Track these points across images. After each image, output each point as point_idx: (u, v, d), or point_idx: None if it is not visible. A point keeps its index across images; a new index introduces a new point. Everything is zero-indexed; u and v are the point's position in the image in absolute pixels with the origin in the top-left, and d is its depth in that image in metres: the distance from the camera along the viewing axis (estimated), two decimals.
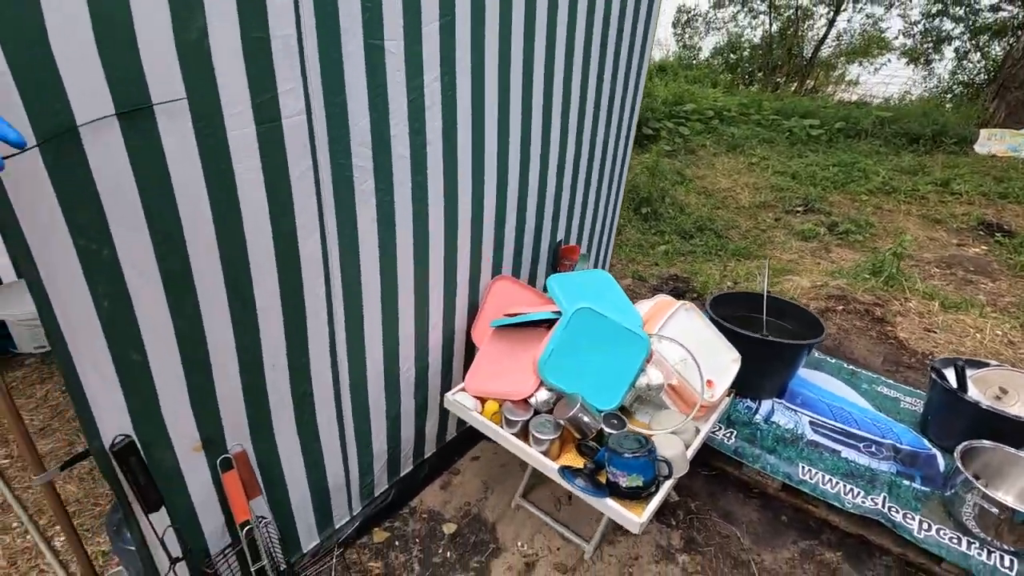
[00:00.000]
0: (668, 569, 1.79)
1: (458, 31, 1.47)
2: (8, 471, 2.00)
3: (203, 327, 1.20)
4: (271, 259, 1.26)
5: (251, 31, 1.06)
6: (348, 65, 1.25)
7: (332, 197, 1.33)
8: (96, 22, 0.87)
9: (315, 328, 1.42)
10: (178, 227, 1.08)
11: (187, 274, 1.13)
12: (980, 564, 1.64)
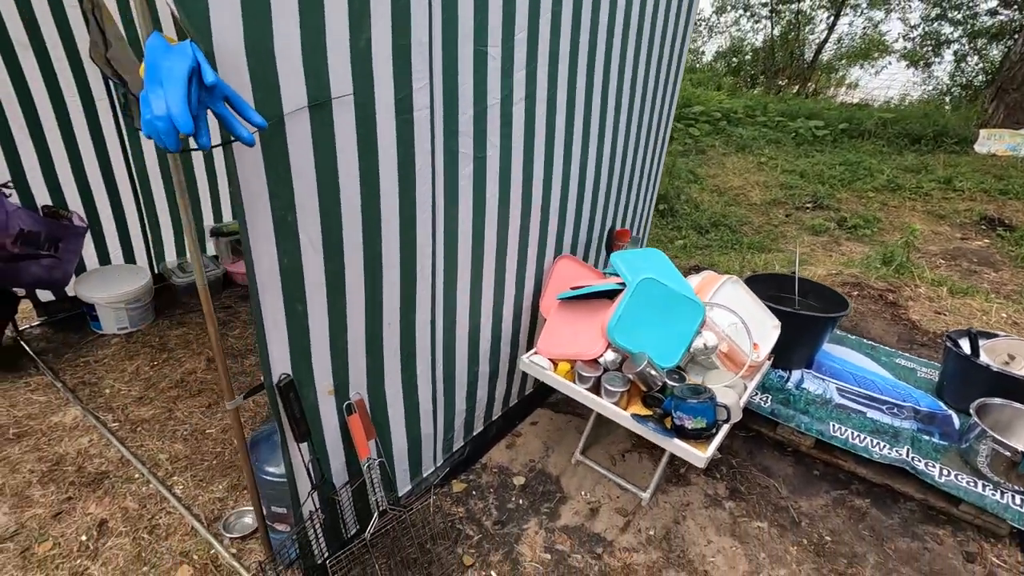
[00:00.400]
0: (717, 513, 2.02)
1: (540, 40, 1.71)
2: (119, 433, 2.22)
3: (345, 287, 1.43)
4: (396, 233, 1.49)
5: (399, 39, 1.29)
6: (461, 67, 1.48)
7: (442, 180, 1.56)
8: (304, 32, 1.11)
9: (421, 294, 1.65)
10: (337, 202, 1.31)
11: (339, 242, 1.36)
12: (994, 503, 1.87)
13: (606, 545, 1.88)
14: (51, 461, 2.08)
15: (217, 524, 1.86)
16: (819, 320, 2.31)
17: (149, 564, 1.72)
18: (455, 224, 1.67)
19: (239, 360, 2.73)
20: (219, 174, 3.30)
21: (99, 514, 1.87)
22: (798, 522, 2.00)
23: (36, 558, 1.72)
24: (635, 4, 2.07)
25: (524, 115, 1.75)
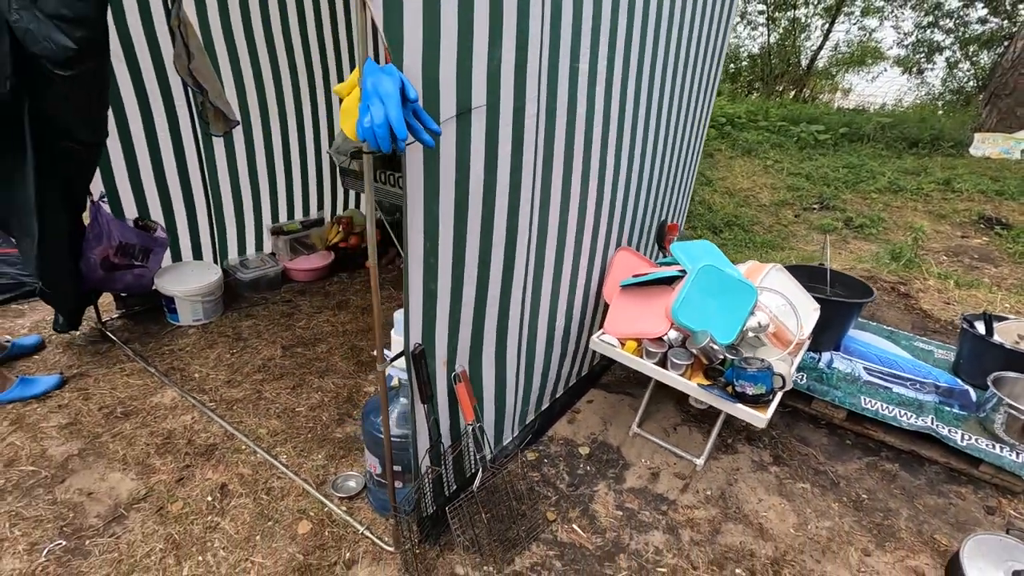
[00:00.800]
0: (764, 476, 2.26)
1: (618, 55, 1.95)
2: (216, 411, 2.43)
3: (464, 272, 1.66)
4: (504, 225, 1.72)
5: (519, 57, 1.53)
6: (560, 80, 1.72)
7: (540, 178, 1.80)
8: (459, 55, 1.34)
9: (516, 280, 1.88)
10: (466, 196, 1.55)
11: (464, 230, 1.59)
12: (1011, 462, 2.12)
13: (669, 503, 2.11)
14: (162, 435, 2.29)
15: (324, 487, 2.08)
16: (849, 305, 2.56)
17: (272, 520, 1.94)
18: (546, 216, 1.90)
19: (311, 347, 2.94)
20: (279, 177, 3.52)
21: (218, 479, 2.09)
22: (836, 483, 2.24)
23: (171, 515, 1.93)
24: (686, 16, 2.32)
25: (602, 121, 1.99)
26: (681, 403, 2.65)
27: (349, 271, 3.81)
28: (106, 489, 2.03)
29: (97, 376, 2.63)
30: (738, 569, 1.87)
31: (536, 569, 1.83)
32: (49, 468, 2.11)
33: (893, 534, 2.02)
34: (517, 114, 1.59)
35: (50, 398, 2.46)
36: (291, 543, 1.86)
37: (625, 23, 1.92)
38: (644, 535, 1.97)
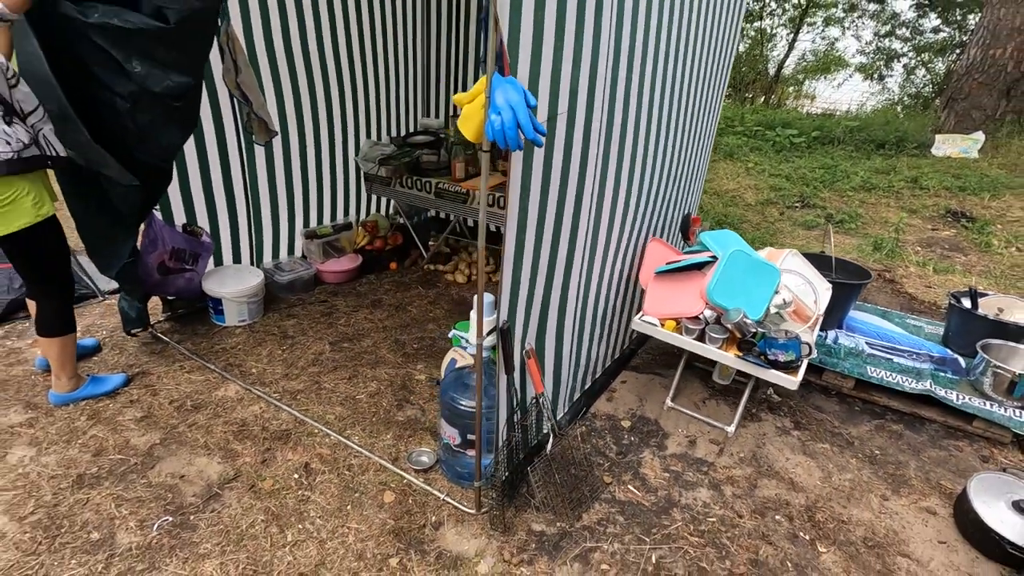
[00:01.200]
0: (788, 439, 2.52)
1: (658, 72, 2.21)
2: (281, 401, 2.59)
3: (539, 259, 1.88)
4: (571, 216, 1.95)
5: (592, 75, 1.77)
6: (617, 93, 1.97)
7: (598, 179, 2.04)
8: (552, 70, 1.58)
9: (575, 267, 2.12)
10: (547, 190, 1.77)
11: (543, 221, 1.82)
12: (1000, 415, 2.43)
13: (709, 465, 2.36)
14: (236, 424, 2.44)
15: (398, 463, 2.26)
16: (852, 286, 2.86)
17: (358, 492, 2.12)
18: (600, 210, 2.14)
19: (356, 342, 3.12)
20: (311, 183, 3.69)
21: (299, 460, 2.26)
22: (851, 443, 2.52)
23: (264, 491, 2.10)
24: (708, 31, 2.60)
25: (645, 126, 2.25)
26: (705, 380, 2.91)
27: (376, 272, 3.98)
28: (196, 472, 2.18)
29: (159, 374, 2.76)
30: (777, 516, 2.12)
31: (602, 524, 2.05)
32: (136, 456, 2.25)
33: (905, 482, 2.31)
34: (587, 120, 1.83)
35: (119, 395, 2.59)
36: (380, 511, 2.04)
37: (664, 44, 2.18)
38: (691, 492, 2.21)
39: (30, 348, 2.89)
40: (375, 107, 3.97)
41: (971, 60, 8.43)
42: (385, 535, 1.95)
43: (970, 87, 8.46)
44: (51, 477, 2.12)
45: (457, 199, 3.45)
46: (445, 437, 2.12)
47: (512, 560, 1.88)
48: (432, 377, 2.82)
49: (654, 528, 2.04)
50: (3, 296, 2.98)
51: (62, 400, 2.48)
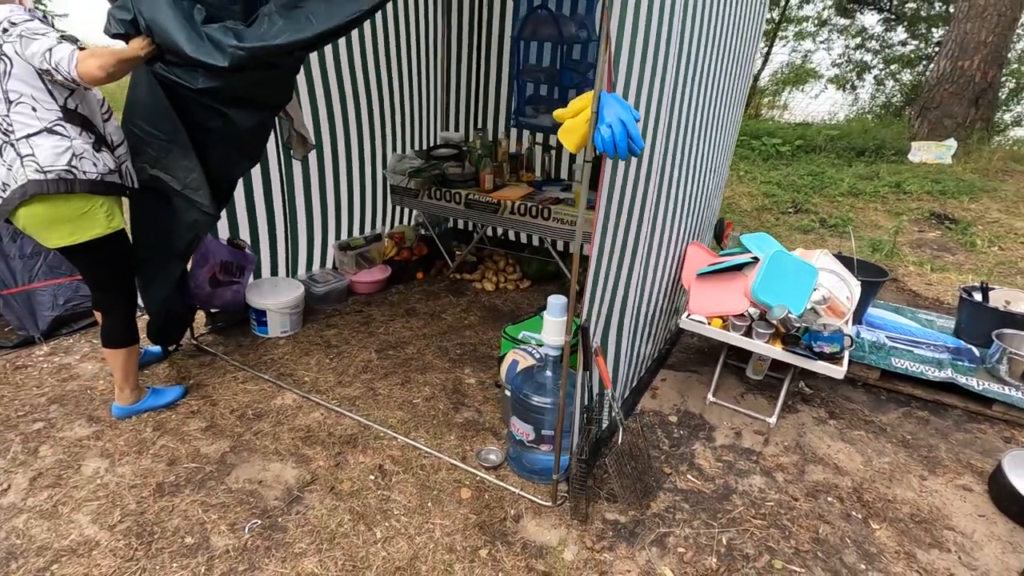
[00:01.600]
0: (825, 428, 2.68)
1: (707, 86, 2.37)
2: (341, 407, 2.65)
3: (611, 263, 2.01)
4: (636, 225, 2.09)
5: (662, 88, 1.92)
6: (675, 107, 2.12)
7: (658, 185, 2.18)
8: (638, 83, 1.72)
9: (635, 270, 2.25)
10: (623, 197, 1.91)
11: (616, 227, 1.95)
12: (1020, 399, 2.63)
13: (757, 454, 2.50)
14: (301, 431, 2.50)
15: (467, 461, 2.35)
16: (872, 284, 3.06)
17: (435, 490, 2.20)
18: (656, 215, 2.29)
19: (400, 349, 3.19)
20: (342, 196, 3.77)
21: (372, 462, 2.33)
22: (884, 429, 2.69)
23: (344, 493, 2.16)
24: (742, 50, 2.79)
25: (693, 135, 2.41)
26: (739, 376, 3.06)
27: (404, 282, 4.06)
28: (272, 477, 2.24)
29: (213, 385, 2.79)
30: (829, 498, 2.27)
31: (670, 511, 2.17)
32: (210, 464, 2.29)
33: (939, 463, 2.48)
34: (654, 133, 1.98)
35: (179, 406, 2.62)
36: (460, 506, 2.13)
37: (712, 59, 2.35)
38: (746, 479, 2.35)
39: (79, 363, 2.90)
40: (399, 122, 4.07)
41: (941, 71, 8.91)
42: (469, 528, 2.03)
43: (941, 96, 8.92)
44: (131, 487, 2.16)
45: (488, 209, 3.57)
46: (518, 434, 2.22)
47: (594, 547, 1.99)
48: (495, 380, 2.90)
49: (718, 513, 2.17)
50: (48, 312, 2.98)
51: (125, 412, 2.51)
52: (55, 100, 2.01)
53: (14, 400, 2.60)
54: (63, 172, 2.03)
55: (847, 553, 2.02)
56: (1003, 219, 6.27)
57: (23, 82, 1.95)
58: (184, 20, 1.90)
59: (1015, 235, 5.78)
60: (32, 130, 2.02)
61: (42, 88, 1.98)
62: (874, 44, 13.15)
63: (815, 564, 1.97)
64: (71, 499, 2.09)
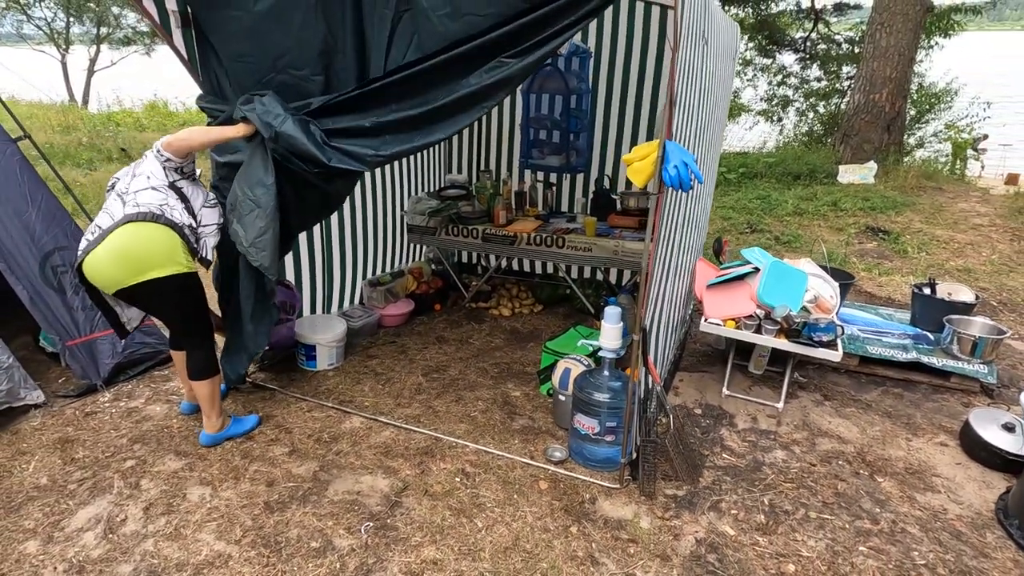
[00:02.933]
0: (823, 408, 3.17)
1: (706, 120, 2.89)
2: (407, 424, 2.92)
3: (654, 278, 2.43)
4: (672, 244, 2.54)
5: (687, 125, 2.40)
6: (692, 145, 2.61)
7: (681, 214, 2.65)
8: (678, 129, 2.18)
9: (669, 279, 2.69)
10: (673, 224, 2.35)
11: (666, 246, 2.38)
12: (971, 370, 3.21)
13: (774, 433, 2.94)
14: (379, 448, 2.75)
15: (536, 459, 2.67)
16: (844, 285, 3.62)
17: (516, 484, 2.50)
18: (683, 234, 2.75)
19: (444, 372, 3.49)
20: (369, 237, 4.08)
21: (454, 467, 2.61)
22: (869, 405, 3.21)
23: (437, 494, 2.43)
24: (727, 82, 3.35)
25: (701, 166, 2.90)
26: (743, 372, 3.52)
27: (425, 314, 4.36)
28: (368, 488, 2.48)
29: (282, 415, 3.00)
30: (839, 461, 2.73)
31: (716, 484, 2.56)
32: (306, 483, 2.51)
33: (918, 427, 3.00)
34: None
35: (257, 436, 2.82)
36: (542, 496, 2.44)
37: (708, 100, 2.88)
38: (770, 453, 2.78)
39: (146, 406, 3.04)
40: (409, 168, 4.44)
41: (856, 103, 10.12)
42: (556, 512, 2.35)
43: (859, 125, 10.11)
44: (241, 507, 2.35)
45: (505, 242, 3.97)
46: (583, 429, 2.57)
47: (664, 516, 2.34)
48: (543, 384, 3.22)
49: (755, 481, 2.58)
50: (108, 360, 3.11)
51: (212, 440, 2.69)
52: (166, 177, 2.43)
53: (97, 443, 2.73)
54: (155, 209, 2.38)
55: (863, 501, 2.47)
56: (925, 229, 7.21)
57: (147, 164, 2.43)
58: (309, 137, 2.31)
59: (937, 242, 6.69)
60: (140, 187, 2.34)
61: (159, 167, 2.42)
62: (793, 80, 14.61)
63: (841, 512, 2.40)
64: (189, 522, 2.27)
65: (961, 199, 8.69)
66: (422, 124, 2.27)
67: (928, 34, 12.05)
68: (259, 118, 2.36)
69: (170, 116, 14.31)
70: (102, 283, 2.38)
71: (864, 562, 2.15)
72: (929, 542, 2.25)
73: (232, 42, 2.50)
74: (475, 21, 2.10)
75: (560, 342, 3.28)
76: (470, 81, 2.13)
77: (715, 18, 2.70)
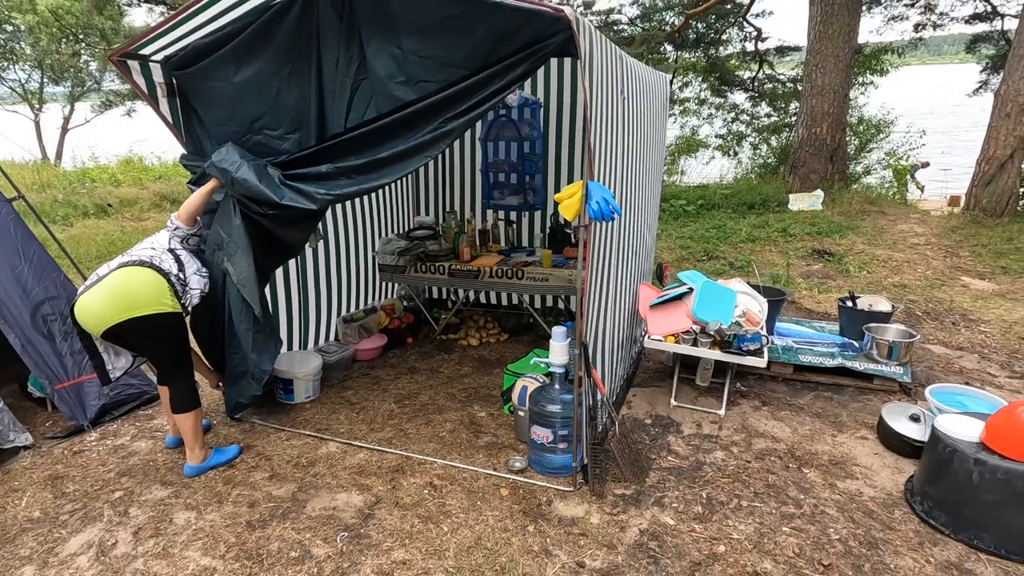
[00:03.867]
0: (760, 412, 3.49)
1: (646, 160, 3.29)
2: (382, 446, 3.15)
3: (593, 295, 2.76)
4: (615, 265, 2.88)
5: (615, 168, 2.78)
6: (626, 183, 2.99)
7: (618, 239, 3.01)
8: (603, 168, 2.55)
9: (610, 304, 3.02)
10: (609, 252, 2.69)
11: (602, 271, 2.72)
12: (889, 372, 3.58)
13: (716, 437, 3.24)
14: (354, 468, 2.97)
15: (499, 470, 2.91)
16: (777, 302, 4.01)
17: (480, 493, 2.74)
18: (620, 261, 3.10)
19: (415, 399, 3.73)
20: (343, 275, 4.37)
21: (423, 481, 2.84)
22: (802, 408, 3.54)
23: (407, 504, 2.66)
24: (659, 128, 3.79)
25: (638, 199, 3.29)
26: (691, 384, 3.84)
27: (397, 347, 4.62)
28: (343, 503, 2.70)
29: (261, 445, 3.21)
30: (772, 458, 3.03)
31: (661, 483, 2.83)
32: (285, 502, 2.72)
33: (843, 425, 3.33)
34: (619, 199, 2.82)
35: (238, 464, 3.02)
36: (503, 501, 2.69)
37: (640, 148, 3.29)
38: (711, 454, 3.07)
39: (132, 443, 3.22)
40: (380, 210, 4.78)
41: (801, 137, 10.88)
42: (515, 515, 2.59)
43: (805, 156, 10.84)
44: (224, 526, 2.55)
45: (469, 276, 4.29)
46: (539, 439, 2.84)
47: (612, 512, 2.61)
48: (507, 405, 3.48)
49: (696, 479, 2.86)
50: (95, 402, 3.30)
51: (196, 471, 2.89)
52: (168, 243, 2.79)
53: (86, 478, 2.91)
54: (145, 257, 2.70)
55: (790, 490, 2.76)
56: (867, 249, 7.76)
57: (158, 234, 2.84)
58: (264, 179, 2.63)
59: (877, 261, 7.21)
60: (141, 247, 2.69)
61: (167, 235, 2.81)
62: (745, 117, 15.55)
63: (770, 499, 2.70)
64: (176, 542, 2.46)
65: (901, 221, 9.32)
66: (374, 169, 2.61)
67: (861, 72, 13.06)
68: (216, 166, 2.69)
69: (146, 170, 14.55)
70: (92, 322, 2.61)
71: (786, 540, 2.43)
72: (844, 521, 2.55)
73: (214, 108, 2.84)
74: (426, 87, 2.48)
75: (520, 364, 3.57)
76: (417, 136, 2.48)
77: (636, 73, 3.13)
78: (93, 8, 13.37)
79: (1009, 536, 2.25)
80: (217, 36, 2.79)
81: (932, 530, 2.47)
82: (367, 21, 2.48)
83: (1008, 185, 8.44)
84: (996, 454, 2.30)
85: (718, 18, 13.99)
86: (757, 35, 14.08)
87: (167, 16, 3.06)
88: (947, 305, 5.24)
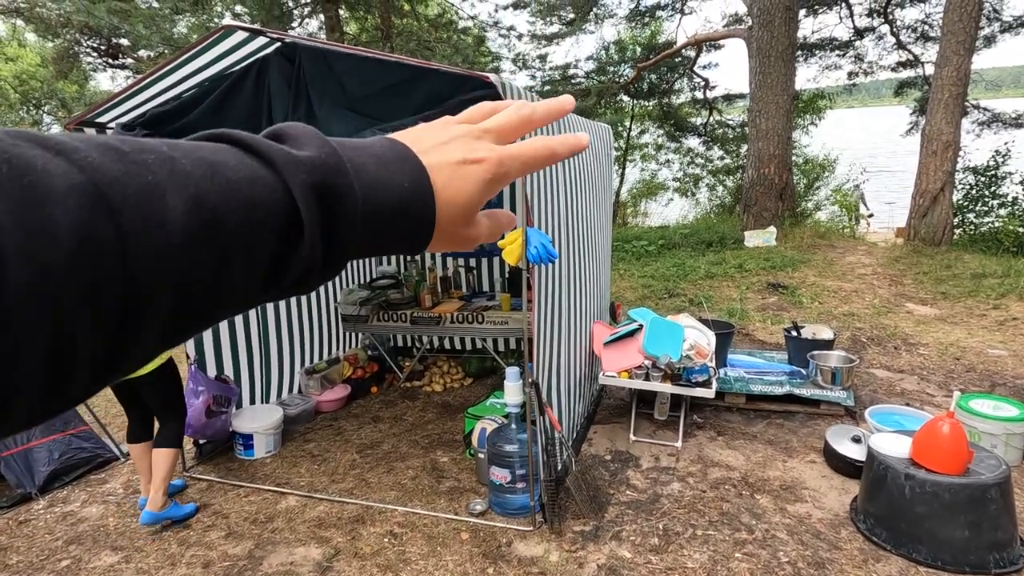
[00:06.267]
0: (716, 442, 3.59)
1: (592, 209, 3.48)
2: (342, 497, 3.13)
3: (547, 336, 2.88)
4: (567, 308, 3.01)
5: (562, 219, 2.95)
6: (573, 230, 3.16)
7: (567, 285, 3.15)
8: (545, 217, 2.72)
9: (563, 344, 3.13)
10: (557, 294, 2.83)
11: (551, 311, 2.85)
12: (833, 396, 3.74)
13: (673, 469, 3.32)
14: (313, 521, 2.95)
15: (459, 514, 2.93)
16: (726, 335, 4.18)
17: (440, 538, 2.75)
18: (570, 305, 3.23)
19: (378, 448, 3.73)
20: (305, 328, 4.40)
21: (382, 530, 2.83)
22: (755, 436, 3.65)
23: (366, 554, 2.65)
24: (604, 178, 4.01)
25: (587, 245, 3.46)
26: (649, 419, 3.93)
27: (361, 397, 4.62)
28: (301, 557, 2.67)
29: (219, 503, 3.16)
30: (726, 486, 3.11)
31: (619, 517, 2.88)
32: (241, 560, 2.68)
33: (794, 450, 3.45)
34: (559, 245, 2.97)
35: (194, 523, 2.96)
36: (463, 545, 2.70)
37: (585, 194, 3.49)
38: (668, 486, 3.14)
39: (82, 508, 3.13)
40: None
41: (751, 178, 11.45)
42: (475, 558, 2.61)
43: (756, 196, 11.38)
44: None
45: (431, 323, 4.37)
46: (497, 480, 2.88)
47: (571, 549, 2.64)
48: (468, 449, 3.50)
49: (653, 511, 2.92)
50: (44, 468, 3.22)
51: (154, 518, 2.83)
52: None
53: (31, 548, 2.81)
54: None
55: (743, 516, 2.84)
56: (818, 281, 8.11)
57: None
58: None
59: (828, 292, 7.54)
60: None
61: None
62: (700, 160, 16.30)
63: (724, 527, 2.77)
64: None
65: (849, 253, 9.79)
66: None
67: (800, 115, 13.93)
68: None
69: None
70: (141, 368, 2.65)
71: (739, 566, 2.50)
72: (794, 543, 2.63)
73: None
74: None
75: (480, 407, 3.62)
76: None
77: (572, 127, 3.37)
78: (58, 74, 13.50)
79: (940, 547, 2.36)
80: (174, 105, 2.92)
81: (875, 547, 2.56)
82: (317, 89, 2.64)
83: (942, 216, 9.00)
84: (923, 468, 2.43)
85: (668, 70, 14.86)
86: (705, 85, 14.96)
87: (131, 81, 3.18)
88: (891, 331, 5.51)
